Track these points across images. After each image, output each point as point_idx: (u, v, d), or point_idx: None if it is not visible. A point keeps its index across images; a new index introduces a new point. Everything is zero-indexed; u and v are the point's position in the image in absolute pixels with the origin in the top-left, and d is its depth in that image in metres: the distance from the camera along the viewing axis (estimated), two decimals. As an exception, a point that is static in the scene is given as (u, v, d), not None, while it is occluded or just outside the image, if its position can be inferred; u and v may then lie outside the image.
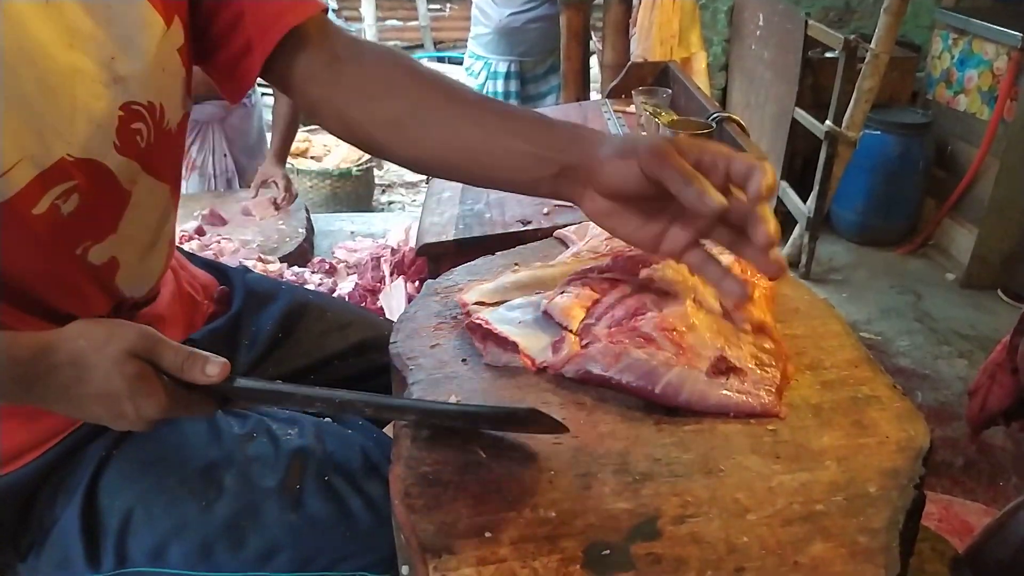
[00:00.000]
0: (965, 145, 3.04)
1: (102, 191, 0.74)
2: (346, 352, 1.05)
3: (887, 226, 3.24)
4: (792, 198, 3.06)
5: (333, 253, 2.33)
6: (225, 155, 2.56)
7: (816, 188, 2.85)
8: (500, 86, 3.21)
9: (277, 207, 2.36)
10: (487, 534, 0.58)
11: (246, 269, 1.10)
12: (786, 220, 3.18)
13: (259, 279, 1.11)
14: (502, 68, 3.17)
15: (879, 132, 3.03)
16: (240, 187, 2.58)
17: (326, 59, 0.79)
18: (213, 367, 0.65)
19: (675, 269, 0.78)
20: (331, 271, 2.15)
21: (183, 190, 2.73)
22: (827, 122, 2.75)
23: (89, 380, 0.63)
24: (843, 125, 2.72)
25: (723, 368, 0.72)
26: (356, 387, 1.04)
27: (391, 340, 0.86)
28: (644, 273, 0.80)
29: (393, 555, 0.68)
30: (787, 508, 0.59)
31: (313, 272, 2.12)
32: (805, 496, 0.60)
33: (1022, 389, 1.08)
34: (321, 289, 2.02)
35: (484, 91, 3.29)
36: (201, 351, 0.66)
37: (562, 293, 0.86)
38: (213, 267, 1.08)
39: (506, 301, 0.87)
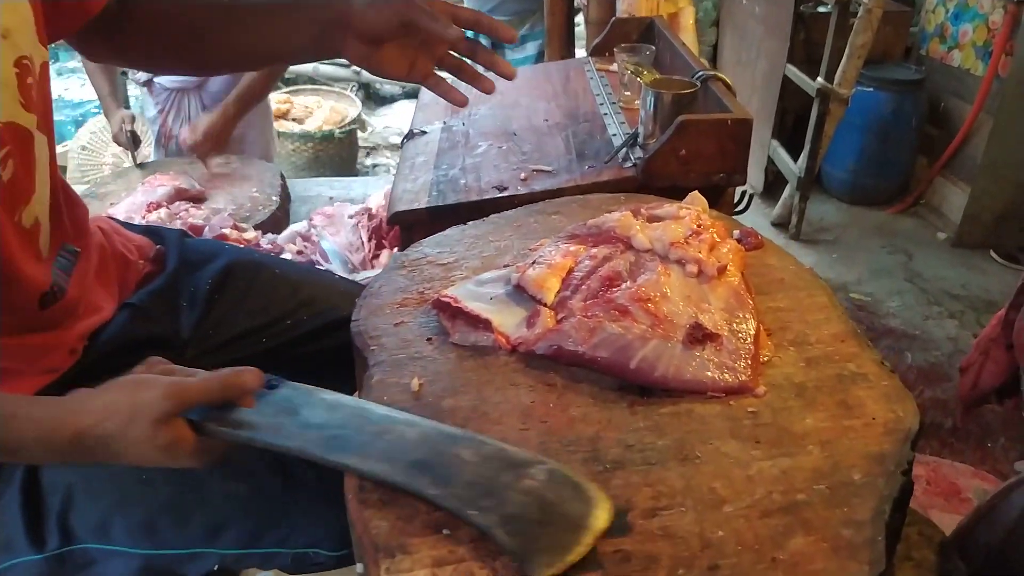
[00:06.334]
0: (959, 102, 2.97)
1: (25, 152, 0.72)
2: (297, 309, 1.01)
3: (879, 185, 3.19)
4: (783, 157, 3.00)
5: (311, 219, 2.25)
6: None
7: (807, 147, 2.79)
8: None
9: (202, 150, 2.14)
10: (445, 531, 0.54)
11: (184, 232, 1.07)
12: (776, 179, 3.13)
13: (200, 241, 1.08)
14: None
15: (872, 89, 2.96)
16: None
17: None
18: (251, 377, 0.64)
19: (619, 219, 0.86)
20: (306, 238, 2.08)
21: (160, 157, 2.59)
22: (819, 79, 2.68)
23: (126, 456, 0.62)
24: (835, 82, 2.65)
25: (699, 336, 0.69)
26: (310, 345, 1.01)
27: (352, 318, 0.81)
28: (592, 222, 0.86)
29: (346, 528, 0.65)
30: (766, 498, 0.55)
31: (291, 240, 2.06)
32: (786, 485, 0.57)
33: (1017, 366, 1.04)
34: (300, 259, 1.96)
35: None
36: (228, 370, 0.64)
37: (533, 264, 0.82)
38: (150, 231, 1.04)
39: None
